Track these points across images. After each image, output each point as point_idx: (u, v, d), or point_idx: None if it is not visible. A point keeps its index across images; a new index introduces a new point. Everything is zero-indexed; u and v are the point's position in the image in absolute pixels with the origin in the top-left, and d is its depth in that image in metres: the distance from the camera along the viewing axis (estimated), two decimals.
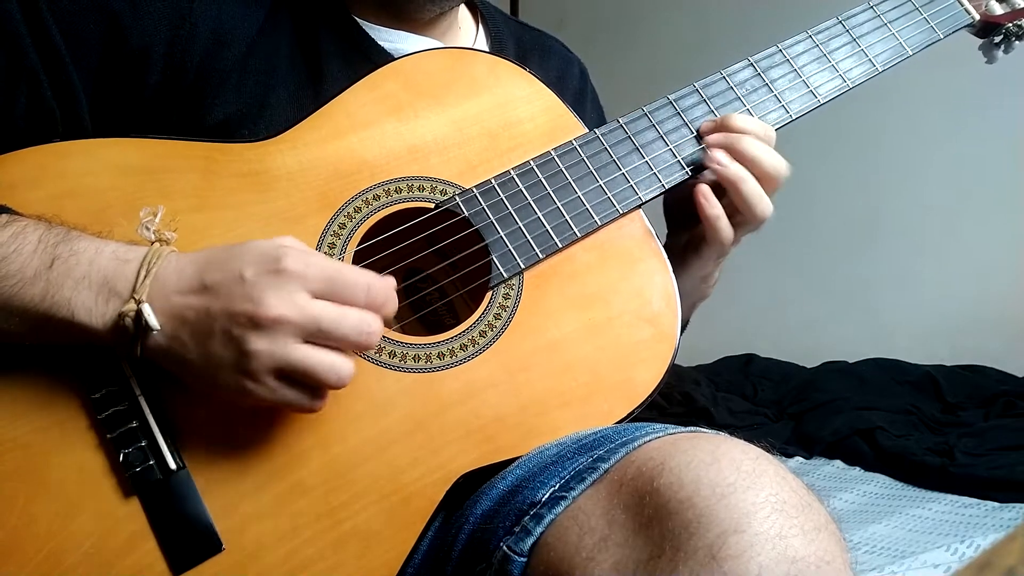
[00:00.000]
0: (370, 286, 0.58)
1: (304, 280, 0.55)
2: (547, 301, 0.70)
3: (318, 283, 0.56)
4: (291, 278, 0.55)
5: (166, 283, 0.56)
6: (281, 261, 0.55)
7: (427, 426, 0.64)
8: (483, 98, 0.75)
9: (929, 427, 1.75)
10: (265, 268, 0.55)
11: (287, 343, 0.55)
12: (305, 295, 0.55)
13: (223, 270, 0.56)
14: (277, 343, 0.55)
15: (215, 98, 0.71)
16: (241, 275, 0.55)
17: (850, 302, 2.41)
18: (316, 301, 0.56)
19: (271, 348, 0.55)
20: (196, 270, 0.57)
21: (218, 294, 0.55)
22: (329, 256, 0.66)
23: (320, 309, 0.56)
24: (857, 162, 2.39)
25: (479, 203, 0.71)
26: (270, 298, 0.54)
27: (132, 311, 0.55)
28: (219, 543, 0.58)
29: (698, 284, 0.84)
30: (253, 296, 0.54)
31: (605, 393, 0.68)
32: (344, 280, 0.57)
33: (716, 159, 0.74)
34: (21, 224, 0.58)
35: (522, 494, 0.59)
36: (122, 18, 0.67)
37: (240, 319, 0.54)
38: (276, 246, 0.57)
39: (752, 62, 0.80)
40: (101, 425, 0.59)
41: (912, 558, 1.17)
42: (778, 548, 0.47)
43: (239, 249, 0.57)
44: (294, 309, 0.55)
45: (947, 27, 0.86)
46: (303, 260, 0.56)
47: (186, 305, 0.56)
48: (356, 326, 0.56)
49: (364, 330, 0.57)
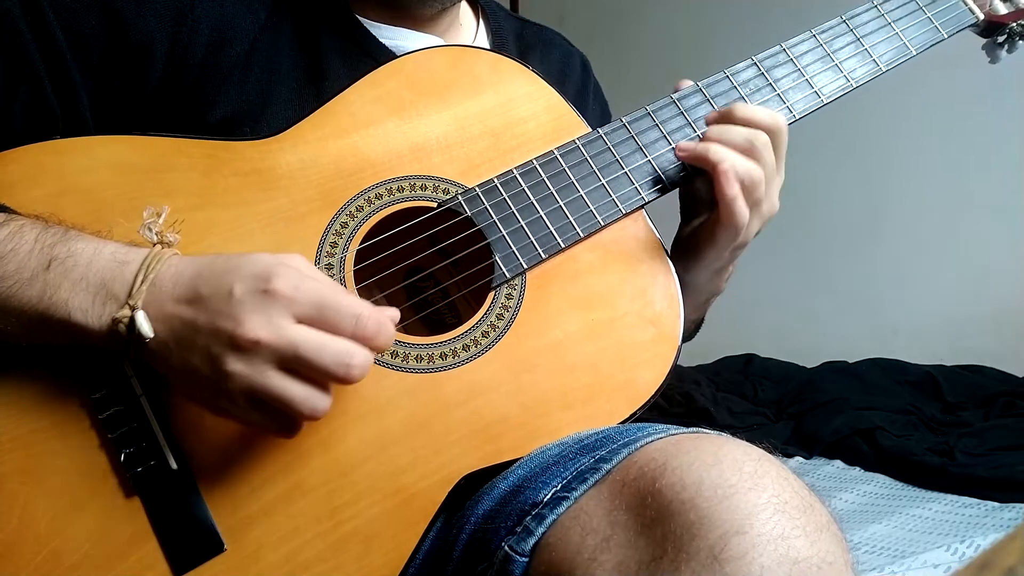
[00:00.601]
0: (360, 316, 0.55)
1: (291, 303, 0.54)
2: (550, 301, 0.70)
3: (305, 308, 0.54)
4: (277, 300, 0.53)
5: (163, 288, 0.56)
6: (271, 281, 0.54)
7: (429, 427, 0.64)
8: (485, 96, 0.75)
9: (929, 427, 1.75)
10: (255, 287, 0.54)
11: (262, 368, 0.53)
12: (288, 319, 0.53)
13: (216, 283, 0.55)
14: (253, 367, 0.53)
15: (217, 96, 0.70)
16: (231, 291, 0.54)
17: (850, 302, 2.41)
18: (298, 327, 0.54)
19: (246, 372, 0.53)
20: (193, 278, 0.56)
21: (206, 308, 0.54)
22: (332, 254, 0.66)
23: (300, 335, 0.53)
24: (858, 163, 2.39)
25: (482, 202, 0.71)
26: (252, 320, 0.53)
27: (126, 317, 0.55)
28: (220, 543, 0.58)
29: (712, 277, 0.82)
30: (236, 315, 0.53)
31: (607, 394, 0.68)
32: (333, 307, 0.54)
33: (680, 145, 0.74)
34: (18, 223, 0.58)
35: (524, 494, 0.59)
36: (124, 15, 0.67)
37: (221, 337, 0.53)
38: (275, 263, 0.55)
39: (756, 61, 0.80)
40: (102, 425, 0.59)
41: (912, 558, 1.17)
42: (780, 549, 0.46)
43: (237, 261, 0.56)
44: (273, 333, 0.53)
45: (951, 27, 0.86)
46: (294, 282, 0.54)
47: (177, 314, 0.55)
48: (336, 356, 0.54)
49: (344, 361, 0.54)
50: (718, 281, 0.84)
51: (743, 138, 0.72)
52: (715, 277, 0.82)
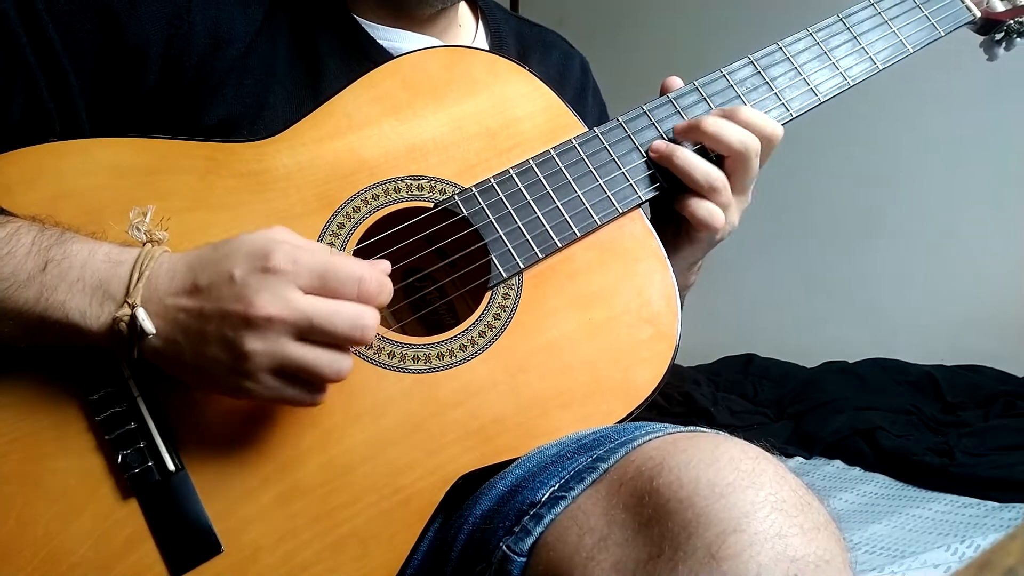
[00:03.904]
0: (362, 278, 0.57)
1: (295, 276, 0.55)
2: (547, 301, 0.70)
3: (308, 279, 0.55)
4: (281, 275, 0.54)
5: (159, 285, 0.56)
6: (270, 258, 0.55)
7: (426, 427, 0.64)
8: (482, 97, 0.75)
9: (929, 427, 1.75)
10: (254, 266, 0.55)
11: (282, 341, 0.54)
12: (296, 292, 0.55)
13: (214, 270, 0.55)
14: (272, 342, 0.54)
15: (213, 98, 0.70)
16: (231, 275, 0.55)
17: (850, 302, 2.41)
18: (307, 297, 0.55)
19: (267, 347, 0.54)
20: (188, 271, 0.56)
21: (210, 295, 0.55)
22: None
23: (312, 306, 0.55)
24: (857, 162, 2.39)
25: (478, 202, 0.71)
26: (261, 297, 0.54)
27: (127, 316, 0.55)
28: (218, 544, 0.58)
29: (684, 271, 0.83)
30: (244, 296, 0.54)
31: (605, 393, 0.68)
32: (336, 274, 0.56)
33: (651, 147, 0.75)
34: (15, 226, 0.58)
35: (521, 494, 0.59)
36: (119, 17, 0.67)
37: (233, 320, 0.54)
38: (266, 240, 0.56)
39: (752, 60, 0.80)
40: (99, 426, 0.59)
41: (912, 558, 1.17)
42: (777, 547, 0.46)
43: (229, 247, 0.56)
44: (285, 307, 0.54)
45: (948, 24, 0.86)
46: (292, 256, 0.55)
47: (179, 307, 0.55)
48: (349, 321, 0.56)
49: (358, 324, 0.56)
50: (689, 275, 0.86)
51: (738, 139, 0.72)
52: (687, 271, 0.84)
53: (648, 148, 0.75)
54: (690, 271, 0.85)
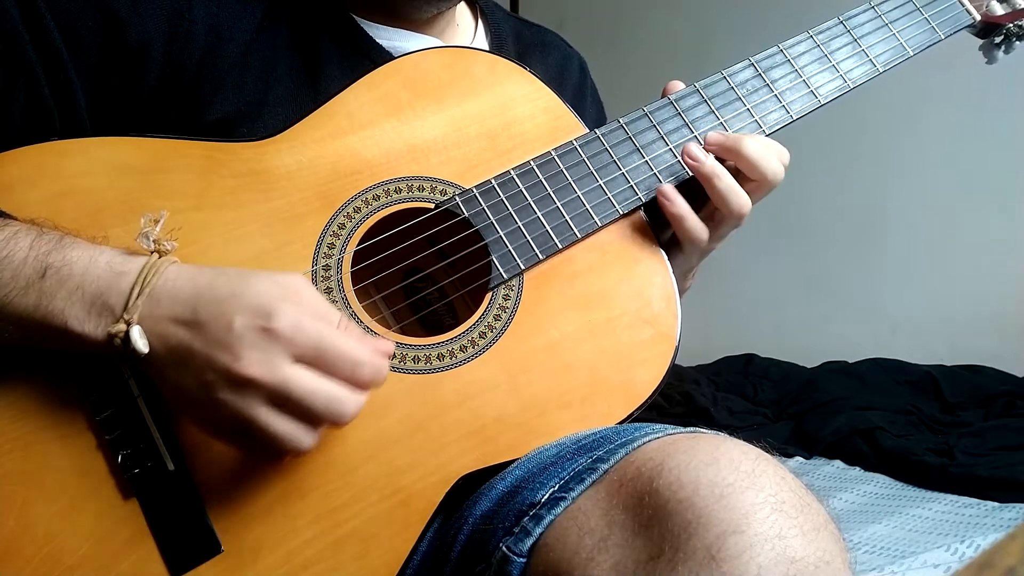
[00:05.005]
0: (358, 363, 0.56)
1: (290, 344, 0.54)
2: (547, 302, 0.70)
3: (304, 349, 0.54)
4: (277, 339, 0.54)
5: (160, 304, 0.56)
6: (272, 319, 0.54)
7: (427, 427, 0.64)
8: (483, 97, 0.75)
9: (929, 427, 1.75)
10: (255, 323, 0.54)
11: (253, 404, 0.54)
12: (285, 360, 0.54)
13: (216, 310, 0.55)
14: (244, 402, 0.54)
15: (214, 96, 0.70)
16: (231, 323, 0.54)
17: (850, 302, 2.41)
18: (294, 368, 0.54)
19: (237, 404, 0.54)
20: (191, 299, 0.56)
21: (204, 336, 0.54)
22: (330, 255, 0.66)
23: (295, 377, 0.54)
24: (857, 163, 2.39)
25: (479, 203, 0.71)
26: (249, 356, 0.53)
27: (122, 332, 0.55)
28: (218, 545, 0.58)
29: (678, 278, 0.83)
30: (234, 349, 0.53)
31: (605, 394, 0.68)
32: (333, 351, 0.55)
33: (691, 153, 0.73)
34: (12, 229, 0.57)
35: (521, 495, 0.59)
36: (121, 16, 0.67)
37: (217, 367, 0.54)
38: (276, 297, 0.55)
39: (753, 62, 0.80)
40: (99, 426, 0.59)
41: (912, 558, 1.17)
42: (777, 548, 0.46)
43: (240, 286, 0.56)
44: (268, 372, 0.53)
45: (948, 27, 0.86)
46: (295, 322, 0.54)
47: (172, 334, 0.55)
48: (327, 403, 0.55)
49: (334, 408, 0.55)
50: (684, 281, 0.85)
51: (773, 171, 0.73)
52: (681, 279, 0.83)
53: (682, 151, 0.74)
54: (684, 278, 0.84)
